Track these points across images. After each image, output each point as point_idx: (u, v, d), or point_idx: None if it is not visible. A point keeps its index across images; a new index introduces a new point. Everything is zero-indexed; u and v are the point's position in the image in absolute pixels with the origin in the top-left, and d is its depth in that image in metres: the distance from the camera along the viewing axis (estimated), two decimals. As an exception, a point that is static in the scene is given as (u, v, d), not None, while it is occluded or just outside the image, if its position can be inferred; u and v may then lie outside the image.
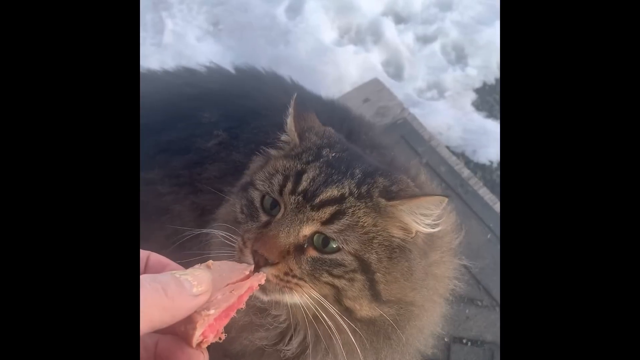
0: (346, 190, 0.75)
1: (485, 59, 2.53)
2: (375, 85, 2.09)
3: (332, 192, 0.74)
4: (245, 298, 0.56)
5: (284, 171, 0.79)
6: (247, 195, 0.82)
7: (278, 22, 2.47)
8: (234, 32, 2.46)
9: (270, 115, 1.13)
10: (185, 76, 1.28)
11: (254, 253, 0.72)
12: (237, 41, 2.43)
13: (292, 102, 0.86)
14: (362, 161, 0.82)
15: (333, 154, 0.81)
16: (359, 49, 2.44)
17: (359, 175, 0.78)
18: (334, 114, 1.21)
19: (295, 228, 0.73)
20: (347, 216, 0.74)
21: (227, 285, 0.54)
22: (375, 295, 0.77)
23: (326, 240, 0.74)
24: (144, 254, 0.53)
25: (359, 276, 0.75)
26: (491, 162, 2.22)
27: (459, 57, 2.56)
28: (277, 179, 0.78)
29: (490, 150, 2.23)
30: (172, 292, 0.45)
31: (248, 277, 0.59)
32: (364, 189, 0.76)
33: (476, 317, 1.55)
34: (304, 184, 0.75)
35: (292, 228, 0.73)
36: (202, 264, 0.54)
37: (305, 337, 0.83)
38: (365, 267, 0.75)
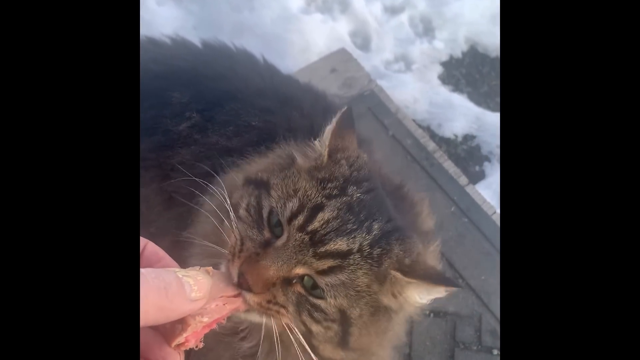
0: (355, 246, 0.70)
1: (453, 32, 2.52)
2: (342, 56, 2.05)
3: (340, 245, 0.69)
4: (229, 314, 0.57)
5: (302, 198, 0.72)
6: (258, 198, 0.75)
7: (242, -13, 2.38)
8: (196, -4, 2.37)
9: (245, 98, 1.08)
10: (150, 49, 1.19)
11: (240, 274, 0.67)
12: (199, 6, 2.33)
13: (338, 115, 0.79)
14: (383, 211, 0.76)
15: (358, 195, 0.74)
16: (326, 18, 2.39)
17: (376, 232, 0.72)
18: (317, 102, 1.17)
19: (290, 266, 0.68)
20: (345, 273, 0.70)
21: (221, 297, 0.56)
22: (343, 344, 0.75)
23: (315, 285, 0.70)
24: (141, 242, 0.52)
25: (335, 327, 0.73)
26: (456, 136, 2.23)
27: (426, 29, 2.54)
28: (292, 205, 0.71)
29: (455, 124, 2.24)
30: (173, 293, 0.45)
31: (240, 295, 0.61)
32: (375, 251, 0.71)
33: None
34: (315, 224, 0.69)
35: (287, 265, 0.68)
36: (202, 268, 0.53)
37: (257, 344, 0.80)
38: (344, 320, 0.73)
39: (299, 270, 0.69)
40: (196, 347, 0.52)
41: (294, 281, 0.70)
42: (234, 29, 2.24)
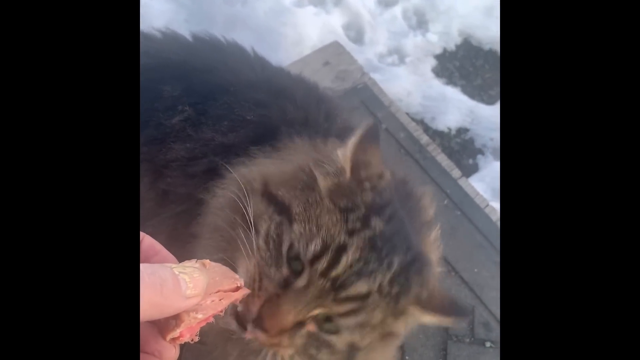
0: (375, 287, 0.69)
1: (446, 24, 2.52)
2: (335, 49, 2.04)
3: (361, 288, 0.68)
4: (226, 307, 0.57)
5: (326, 237, 0.69)
6: (279, 229, 0.72)
7: (235, -21, 2.37)
8: (188, -11, 2.35)
9: (238, 91, 1.07)
10: (141, 43, 1.19)
11: (258, 316, 0.67)
12: (191, -1, 2.32)
13: (363, 127, 0.75)
14: (402, 238, 0.74)
15: (380, 226, 0.71)
16: (319, 11, 2.38)
17: (395, 268, 0.70)
18: (309, 93, 1.15)
19: (309, 309, 0.68)
20: (363, 315, 0.69)
21: (218, 291, 0.55)
22: None
23: (329, 318, 0.70)
24: None
25: (342, 355, 0.73)
26: (449, 129, 2.23)
27: (420, 22, 2.53)
28: (315, 246, 0.68)
29: (448, 117, 2.24)
30: (168, 290, 0.44)
31: (238, 289, 0.59)
32: (394, 290, 0.70)
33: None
34: (339, 270, 0.67)
35: (306, 308, 0.68)
36: (198, 261, 0.53)
37: None
38: (352, 350, 0.73)
39: (316, 312, 0.69)
40: (192, 340, 0.52)
41: (307, 321, 0.70)
42: (227, 22, 2.22)
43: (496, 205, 1.81)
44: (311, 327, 0.70)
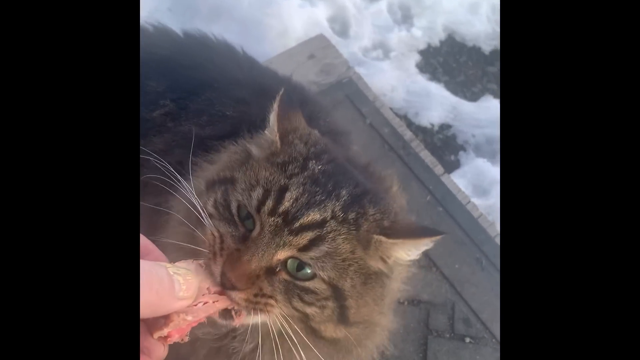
0: (328, 214, 0.71)
1: (431, 19, 2.52)
2: (320, 42, 2.03)
3: (313, 216, 0.70)
4: (220, 309, 0.57)
5: (266, 184, 0.73)
6: (225, 194, 0.75)
7: (220, -32, 2.32)
8: (171, -23, 2.30)
9: (221, 88, 1.08)
10: None
11: (222, 274, 0.66)
12: (174, -14, 2.27)
13: (277, 99, 0.79)
14: (348, 177, 0.77)
15: (319, 167, 0.75)
16: (304, 3, 2.36)
17: (345, 198, 0.73)
18: (293, 94, 1.16)
19: (270, 252, 0.68)
20: (326, 243, 0.70)
21: (214, 292, 0.55)
22: (343, 320, 0.75)
23: (301, 265, 0.70)
24: None
25: (330, 304, 0.73)
26: (432, 125, 2.24)
27: (405, 17, 2.53)
28: (257, 194, 0.72)
29: (432, 113, 2.25)
30: (162, 290, 0.45)
31: (224, 293, 0.60)
32: (350, 215, 0.72)
33: (413, 277, 1.58)
34: (285, 204, 0.70)
35: (267, 252, 0.68)
36: (195, 261, 0.53)
37: (257, 346, 0.79)
38: (338, 295, 0.72)
39: (281, 255, 0.69)
40: (182, 340, 0.52)
41: (277, 269, 0.70)
42: (211, 12, 2.19)
43: (477, 201, 1.83)
44: (283, 275, 0.70)
